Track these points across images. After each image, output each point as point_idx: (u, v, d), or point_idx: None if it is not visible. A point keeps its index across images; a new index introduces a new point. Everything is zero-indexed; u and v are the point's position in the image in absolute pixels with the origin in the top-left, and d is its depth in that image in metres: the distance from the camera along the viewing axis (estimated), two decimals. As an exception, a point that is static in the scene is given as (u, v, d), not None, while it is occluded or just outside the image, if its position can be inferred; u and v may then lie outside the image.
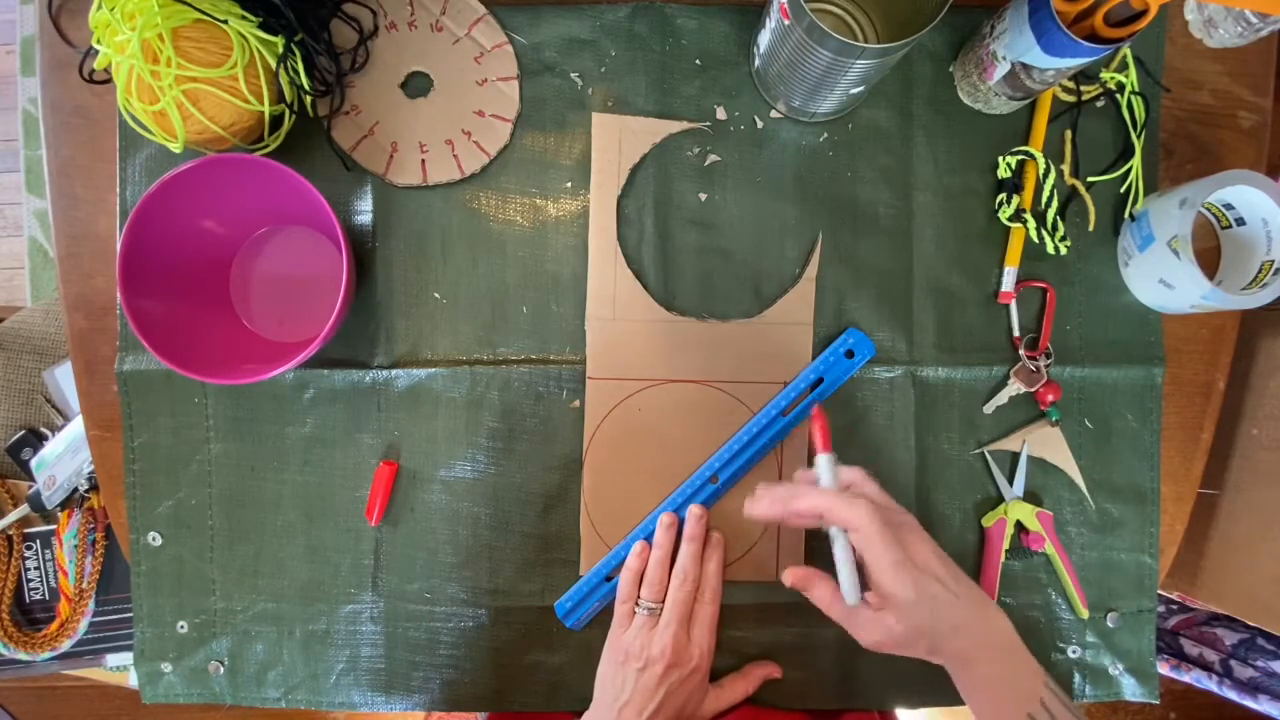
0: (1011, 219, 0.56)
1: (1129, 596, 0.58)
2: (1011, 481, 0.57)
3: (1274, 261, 0.52)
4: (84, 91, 0.56)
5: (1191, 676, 0.78)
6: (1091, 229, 0.57)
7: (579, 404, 0.57)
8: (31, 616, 0.72)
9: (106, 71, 0.50)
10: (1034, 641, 0.58)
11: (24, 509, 0.70)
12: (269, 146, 0.53)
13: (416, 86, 0.56)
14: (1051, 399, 0.56)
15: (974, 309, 0.57)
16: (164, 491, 0.58)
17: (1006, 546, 0.57)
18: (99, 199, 0.57)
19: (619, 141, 0.56)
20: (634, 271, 0.56)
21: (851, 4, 0.55)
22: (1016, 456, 0.57)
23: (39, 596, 0.72)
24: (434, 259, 0.57)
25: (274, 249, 0.57)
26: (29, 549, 0.72)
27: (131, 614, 0.61)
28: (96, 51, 0.48)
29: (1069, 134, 0.57)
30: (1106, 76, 0.56)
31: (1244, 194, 0.52)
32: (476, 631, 0.58)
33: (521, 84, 0.56)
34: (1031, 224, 0.55)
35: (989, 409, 0.57)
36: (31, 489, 0.70)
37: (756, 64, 0.55)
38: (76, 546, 0.70)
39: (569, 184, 0.57)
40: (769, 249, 0.57)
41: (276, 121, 0.53)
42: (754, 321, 0.57)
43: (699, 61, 0.57)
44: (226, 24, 0.47)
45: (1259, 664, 0.74)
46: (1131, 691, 0.58)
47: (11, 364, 0.77)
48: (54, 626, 0.71)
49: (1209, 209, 0.56)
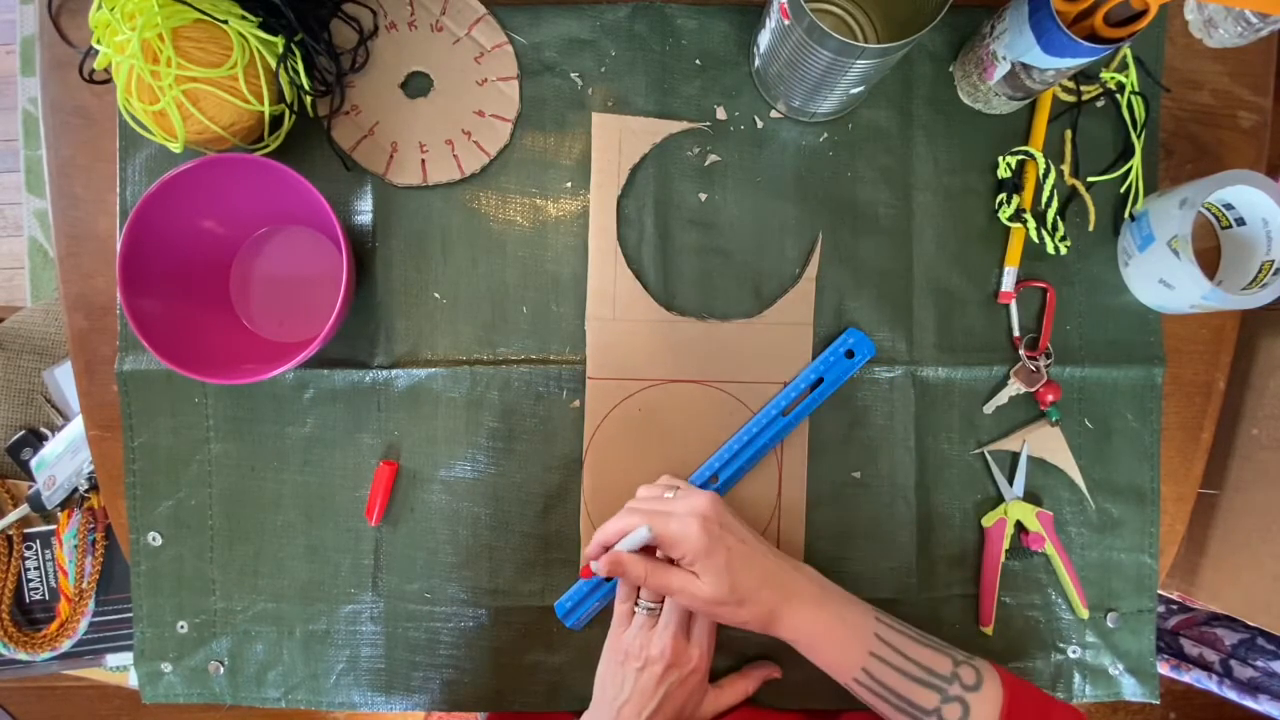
0: (1011, 219, 0.56)
1: (1129, 596, 0.58)
2: (1011, 481, 0.57)
3: (1274, 261, 0.52)
4: (84, 91, 0.56)
5: (1191, 676, 0.78)
6: (1091, 229, 0.57)
7: (579, 404, 0.57)
8: (31, 616, 0.72)
9: (106, 71, 0.50)
10: (1034, 641, 0.58)
11: (24, 509, 0.70)
12: (269, 146, 0.53)
13: (416, 86, 0.56)
14: (1051, 399, 0.56)
15: (974, 309, 0.57)
16: (164, 491, 0.58)
17: (1006, 546, 0.57)
18: (99, 199, 0.57)
19: (619, 141, 0.56)
20: (634, 271, 0.56)
21: (851, 4, 0.55)
22: (1016, 456, 0.57)
23: (39, 596, 0.72)
24: (434, 259, 0.57)
25: (274, 249, 0.57)
26: (29, 549, 0.72)
27: (131, 614, 0.61)
28: (96, 51, 0.48)
29: (1069, 134, 0.57)
30: (1106, 76, 0.56)
31: (1244, 194, 0.52)
32: (476, 631, 0.58)
33: (521, 84, 0.56)
34: (1031, 224, 0.55)
35: (989, 409, 0.57)
36: (31, 489, 0.70)
37: (756, 64, 0.55)
38: (76, 546, 0.70)
39: (569, 184, 0.57)
40: (769, 249, 0.57)
41: (276, 121, 0.53)
42: (754, 321, 0.57)
43: (699, 61, 0.57)
44: (226, 24, 0.47)
45: (1259, 664, 0.74)
46: (1131, 691, 0.58)
47: (11, 364, 0.77)
48: (54, 626, 0.71)
49: (1209, 209, 0.56)
